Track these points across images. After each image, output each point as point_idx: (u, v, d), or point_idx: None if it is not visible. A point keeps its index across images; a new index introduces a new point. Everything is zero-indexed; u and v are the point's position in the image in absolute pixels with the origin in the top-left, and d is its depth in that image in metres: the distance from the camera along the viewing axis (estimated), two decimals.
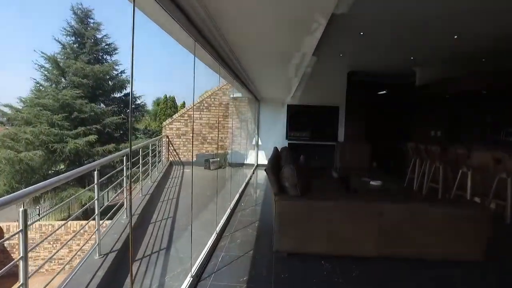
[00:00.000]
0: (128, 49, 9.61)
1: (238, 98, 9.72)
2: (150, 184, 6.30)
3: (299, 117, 9.80)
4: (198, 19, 2.40)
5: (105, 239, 3.66)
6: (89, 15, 14.50)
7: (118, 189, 13.18)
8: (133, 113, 16.64)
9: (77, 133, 12.76)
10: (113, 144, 13.98)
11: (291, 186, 3.20)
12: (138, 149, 6.02)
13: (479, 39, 6.12)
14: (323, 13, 2.54)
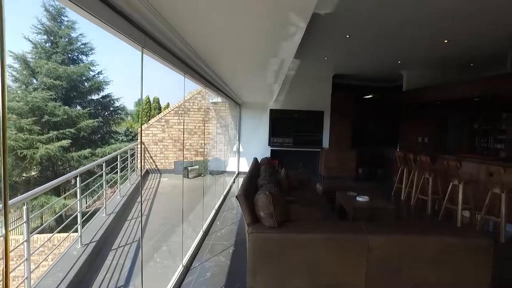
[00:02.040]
0: (104, 46, 8.81)
1: (218, 102, 9.23)
2: (118, 200, 5.74)
3: (282, 122, 9.39)
4: (143, 19, 1.93)
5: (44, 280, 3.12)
6: (62, 13, 13.70)
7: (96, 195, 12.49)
8: (112, 116, 15.93)
9: (49, 138, 12.00)
10: (89, 149, 13.28)
11: (267, 216, 2.74)
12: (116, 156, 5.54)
13: (468, 43, 5.83)
14: (302, 15, 2.09)
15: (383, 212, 4.01)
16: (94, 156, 13.36)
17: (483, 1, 4.02)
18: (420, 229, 2.86)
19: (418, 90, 7.69)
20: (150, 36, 2.12)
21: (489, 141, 8.37)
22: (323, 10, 4.27)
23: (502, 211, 4.52)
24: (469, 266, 2.74)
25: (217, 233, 4.52)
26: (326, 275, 2.67)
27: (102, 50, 38.97)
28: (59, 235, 6.64)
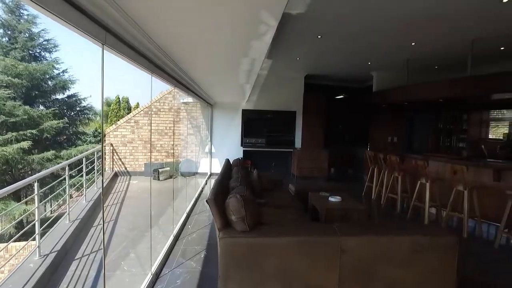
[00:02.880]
0: (71, 43, 8.28)
1: (189, 103, 9.03)
2: (83, 205, 5.44)
3: (254, 122, 9.35)
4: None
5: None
6: (22, 6, 12.90)
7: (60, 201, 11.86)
8: (78, 116, 15.23)
9: (5, 140, 11.26)
10: (52, 151, 12.61)
11: (238, 220, 2.66)
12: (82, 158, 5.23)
13: (433, 47, 6.04)
14: (273, 14, 2.03)
15: (355, 212, 4.04)
16: (59, 159, 12.70)
17: (444, 8, 4.16)
18: (391, 229, 2.89)
19: (387, 91, 7.89)
20: (112, 33, 1.98)
21: (452, 140, 8.74)
22: (295, 10, 4.25)
23: (465, 208, 4.69)
24: (437, 263, 2.79)
25: (188, 237, 4.39)
26: (299, 280, 2.63)
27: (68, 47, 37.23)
28: (17, 244, 6.21)
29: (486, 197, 4.90)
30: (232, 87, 6.14)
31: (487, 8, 4.20)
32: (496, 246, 4.32)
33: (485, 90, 5.55)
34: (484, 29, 5.00)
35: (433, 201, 5.33)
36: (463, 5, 4.09)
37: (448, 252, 2.81)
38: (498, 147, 7.59)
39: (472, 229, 4.91)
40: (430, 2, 4.01)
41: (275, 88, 9.25)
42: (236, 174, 4.21)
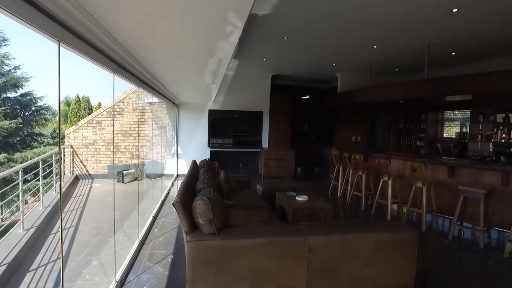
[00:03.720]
0: (23, 38, 7.81)
1: (154, 103, 8.80)
2: (40, 211, 5.13)
3: (221, 123, 9.31)
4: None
5: None
6: None
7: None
8: (34, 117, 14.36)
9: None
10: (4, 154, 11.79)
11: (206, 223, 2.63)
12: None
13: (393, 50, 6.32)
14: (239, 14, 2.01)
15: (322, 211, 4.13)
16: (12, 162, 11.90)
17: (403, 13, 4.36)
18: (357, 227, 2.98)
19: (351, 92, 8.14)
20: (69, 29, 1.88)
21: (412, 139, 9.20)
22: (261, 11, 4.27)
23: (423, 203, 4.95)
24: (398, 258, 2.92)
25: (155, 241, 4.27)
26: (268, 280, 2.64)
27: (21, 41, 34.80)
28: None
29: (441, 193, 5.21)
30: (198, 88, 6.06)
31: (440, 16, 4.46)
32: (450, 237, 4.61)
33: (439, 92, 5.88)
34: (438, 35, 5.30)
35: (395, 198, 5.57)
36: (419, 11, 4.30)
37: (408, 247, 2.95)
38: (451, 145, 8.09)
39: (429, 223, 5.19)
40: (390, 8, 4.19)
41: (242, 88, 9.26)
42: (203, 176, 4.15)
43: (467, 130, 7.73)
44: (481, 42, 5.65)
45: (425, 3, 4.02)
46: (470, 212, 4.77)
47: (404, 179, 5.67)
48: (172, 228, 4.79)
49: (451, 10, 4.19)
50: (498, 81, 4.98)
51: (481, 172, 4.86)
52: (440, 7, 4.12)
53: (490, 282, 3.45)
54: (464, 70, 5.75)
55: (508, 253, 4.01)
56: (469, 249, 4.40)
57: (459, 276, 3.59)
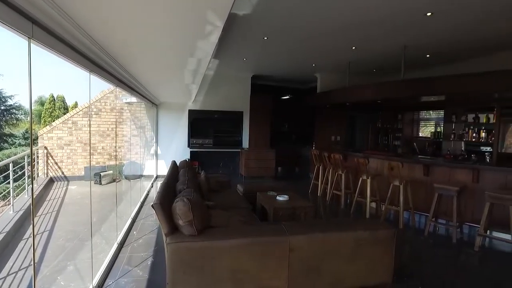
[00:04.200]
0: None
1: (133, 103, 8.63)
2: (11, 216, 4.92)
3: (201, 123, 9.25)
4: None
5: None
6: None
7: None
8: (3, 116, 13.76)
9: None
10: None
11: (186, 224, 2.60)
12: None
13: (371, 52, 6.45)
14: (219, 14, 2.00)
15: (302, 210, 4.17)
16: None
17: (379, 16, 4.46)
18: (337, 226, 3.02)
19: (330, 92, 8.26)
20: (40, 25, 1.81)
21: (389, 138, 9.43)
22: (241, 11, 4.26)
23: (400, 201, 5.09)
24: (377, 255, 2.99)
25: (134, 243, 4.19)
26: (250, 281, 2.64)
27: None
28: None
29: (418, 191, 5.37)
30: (178, 87, 5.99)
31: (415, 19, 4.59)
32: (426, 233, 4.76)
33: (414, 93, 6.05)
34: (413, 37, 5.45)
35: (373, 196, 5.69)
36: (395, 15, 4.41)
37: (387, 244, 3.02)
38: (426, 144, 8.35)
39: (406, 220, 5.33)
40: (367, 11, 4.27)
41: (222, 88, 9.22)
42: (183, 176, 4.10)
43: (441, 129, 8.00)
44: (454, 45, 5.86)
45: (401, 7, 4.13)
46: (444, 209, 4.93)
47: (382, 177, 5.81)
48: (152, 230, 4.71)
49: (426, 14, 4.32)
50: (468, 83, 5.18)
51: (454, 170, 5.04)
52: (415, 11, 4.24)
53: (462, 275, 3.60)
54: (438, 72, 5.94)
55: (478, 247, 4.21)
56: (443, 244, 4.56)
57: (434, 270, 3.71)
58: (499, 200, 4.08)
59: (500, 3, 3.98)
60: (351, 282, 2.92)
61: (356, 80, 8.09)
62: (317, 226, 3.02)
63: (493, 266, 3.91)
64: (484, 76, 4.93)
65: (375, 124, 9.79)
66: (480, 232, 4.21)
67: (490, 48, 6.01)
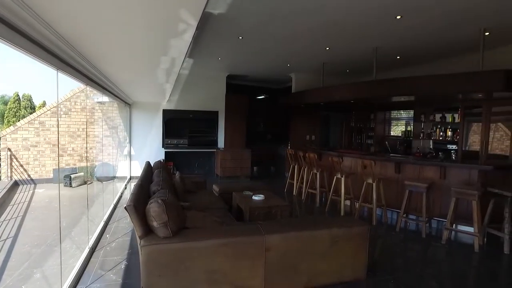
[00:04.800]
0: None
1: (105, 102, 8.36)
2: None
3: (176, 123, 9.12)
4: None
5: None
6: None
7: None
8: None
9: None
10: None
11: (161, 226, 2.55)
12: None
13: (344, 52, 6.59)
14: (193, 12, 1.97)
15: (278, 210, 4.19)
16: None
17: (351, 18, 4.56)
18: (312, 224, 3.06)
19: (305, 92, 8.36)
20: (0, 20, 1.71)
21: (362, 137, 9.66)
22: (216, 10, 4.23)
23: (373, 198, 5.23)
24: (352, 251, 3.07)
25: (107, 247, 4.06)
26: (227, 281, 2.63)
27: None
28: None
29: (390, 188, 5.54)
30: (151, 87, 5.87)
31: (385, 22, 4.73)
32: (397, 229, 4.93)
33: (384, 93, 6.23)
34: (384, 39, 5.62)
35: (347, 194, 5.82)
36: (366, 17, 4.53)
37: (361, 240, 3.10)
38: (398, 143, 8.63)
39: (379, 217, 5.49)
40: (339, 13, 4.35)
41: (197, 88, 9.13)
42: (157, 177, 4.03)
43: (411, 128, 8.28)
44: (422, 48, 6.09)
45: (371, 10, 4.24)
46: (414, 205, 5.12)
47: (356, 176, 5.95)
48: (125, 233, 4.58)
49: (395, 17, 4.46)
50: (434, 84, 5.39)
51: (423, 168, 5.24)
52: (385, 14, 4.37)
53: (430, 266, 3.76)
54: (408, 73, 6.15)
55: (445, 240, 4.42)
56: (414, 238, 4.74)
57: (405, 264, 3.87)
58: (463, 195, 4.29)
59: (460, 10, 4.18)
60: (327, 279, 2.98)
61: (330, 80, 8.24)
62: (292, 224, 3.05)
63: (458, 257, 4.12)
64: (449, 78, 5.15)
65: (348, 123, 10.00)
66: (447, 226, 4.41)
67: (455, 51, 6.29)
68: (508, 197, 4.08)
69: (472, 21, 4.60)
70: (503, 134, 5.85)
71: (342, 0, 3.90)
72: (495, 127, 5.90)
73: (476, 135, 6.36)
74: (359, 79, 7.68)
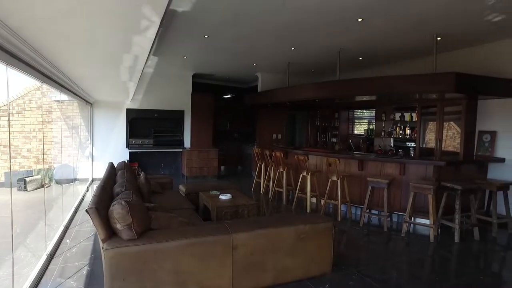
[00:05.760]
0: None
1: (64, 101, 7.95)
2: None
3: (141, 122, 8.88)
4: None
5: None
6: None
7: None
8: None
9: None
10: None
11: (125, 228, 2.47)
12: None
13: (309, 53, 6.73)
14: (156, 9, 1.93)
15: (245, 208, 4.21)
16: None
17: (315, 20, 4.67)
18: (278, 222, 3.11)
19: (271, 91, 8.44)
20: None
21: (327, 136, 9.92)
22: (180, 7, 4.15)
23: (338, 195, 5.40)
24: (317, 246, 3.15)
25: (67, 253, 3.87)
26: (194, 282, 2.60)
27: None
28: None
29: (353, 185, 5.74)
30: (114, 85, 5.67)
31: (348, 24, 4.87)
32: (361, 224, 5.11)
33: (347, 93, 6.44)
34: (347, 41, 5.79)
35: (313, 192, 5.95)
36: (330, 19, 4.64)
37: (326, 236, 3.19)
38: (361, 141, 8.95)
39: (344, 213, 5.67)
40: (303, 13, 4.43)
41: (162, 87, 8.93)
42: (121, 178, 3.90)
43: (373, 127, 8.61)
44: (382, 50, 6.36)
45: (334, 12, 4.35)
46: (376, 201, 5.34)
47: (321, 173, 6.11)
48: (88, 237, 4.39)
49: (357, 19, 4.62)
50: (393, 84, 5.65)
51: (384, 165, 5.48)
52: (347, 16, 4.50)
53: (391, 258, 4.02)
54: (370, 74, 6.39)
55: (404, 232, 4.68)
56: (376, 232, 4.94)
57: (368, 257, 4.05)
58: (420, 189, 4.54)
59: (414, 16, 4.42)
60: (294, 275, 3.03)
61: (295, 80, 8.38)
62: (259, 222, 3.08)
63: (416, 248, 4.39)
64: (406, 79, 5.41)
65: (314, 122, 10.21)
66: (406, 220, 4.66)
67: (412, 54, 6.62)
68: (458, 190, 4.38)
69: (425, 26, 4.86)
70: (455, 132, 6.24)
71: (305, 1, 3.97)
72: (448, 125, 6.28)
73: (432, 133, 6.73)
74: (323, 79, 7.87)
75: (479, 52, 5.81)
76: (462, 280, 3.41)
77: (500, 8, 4.06)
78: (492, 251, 4.45)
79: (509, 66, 5.36)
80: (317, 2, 3.99)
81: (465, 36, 5.31)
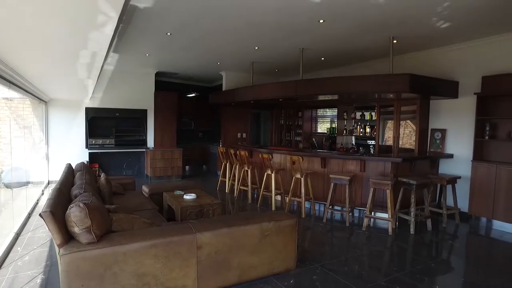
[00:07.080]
0: None
1: (13, 99, 7.42)
2: None
3: (101, 122, 8.54)
4: None
5: None
6: None
7: None
8: None
9: None
10: None
11: (84, 231, 2.37)
12: None
13: (273, 52, 6.81)
14: (113, 4, 1.86)
15: (210, 208, 4.19)
16: None
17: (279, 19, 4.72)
18: (242, 220, 3.12)
19: (235, 90, 8.43)
20: None
21: (291, 134, 10.09)
22: (141, 3, 4.04)
23: (302, 192, 5.52)
24: (281, 243, 3.20)
25: (18, 261, 3.63)
26: (158, 285, 2.55)
27: None
28: None
29: (317, 182, 5.90)
30: (70, 83, 5.39)
31: (310, 25, 4.98)
32: (324, 220, 5.27)
33: (309, 92, 6.58)
34: (309, 41, 5.92)
35: (278, 189, 6.04)
36: (292, 19, 4.71)
37: (290, 233, 3.26)
38: (324, 139, 9.19)
39: (308, 210, 5.81)
40: (266, 13, 4.46)
41: (123, 85, 8.63)
42: (80, 180, 3.73)
43: (335, 126, 8.87)
44: (343, 51, 6.57)
45: (297, 13, 4.43)
46: (339, 197, 5.53)
47: (285, 171, 6.21)
48: (42, 243, 4.15)
49: (319, 20, 4.74)
50: (352, 84, 5.87)
51: (346, 162, 5.69)
52: (309, 17, 4.60)
53: (353, 251, 4.17)
54: (332, 74, 6.57)
55: (365, 227, 4.89)
56: (339, 227, 5.12)
57: (331, 251, 4.21)
58: (379, 185, 4.76)
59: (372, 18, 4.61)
60: (259, 272, 3.07)
61: (259, 79, 8.44)
62: (223, 221, 3.07)
63: (376, 241, 4.59)
64: (364, 79, 5.64)
65: (278, 121, 10.35)
66: (367, 214, 4.87)
67: (371, 55, 6.90)
68: (413, 185, 4.65)
69: (382, 29, 5.09)
70: (411, 130, 6.59)
71: (268, 1, 4.01)
72: (405, 124, 6.63)
73: (390, 131, 7.06)
74: (287, 79, 7.99)
75: (431, 55, 6.18)
76: (416, 269, 3.62)
77: (446, 16, 4.36)
78: (442, 240, 4.78)
79: (457, 70, 5.77)
80: (279, 3, 4.04)
81: (419, 40, 5.62)
